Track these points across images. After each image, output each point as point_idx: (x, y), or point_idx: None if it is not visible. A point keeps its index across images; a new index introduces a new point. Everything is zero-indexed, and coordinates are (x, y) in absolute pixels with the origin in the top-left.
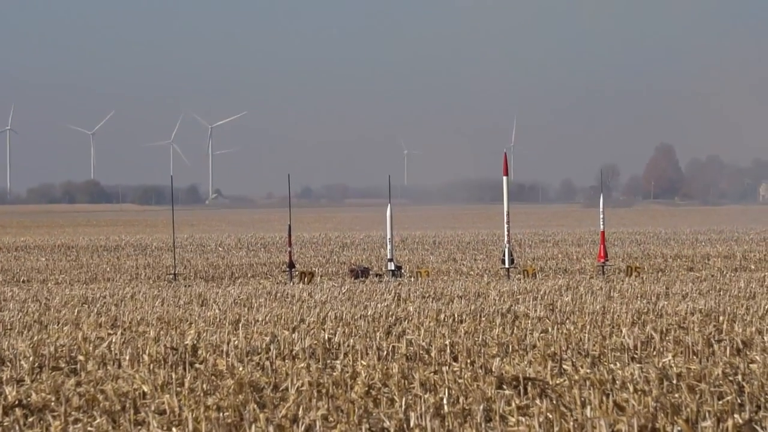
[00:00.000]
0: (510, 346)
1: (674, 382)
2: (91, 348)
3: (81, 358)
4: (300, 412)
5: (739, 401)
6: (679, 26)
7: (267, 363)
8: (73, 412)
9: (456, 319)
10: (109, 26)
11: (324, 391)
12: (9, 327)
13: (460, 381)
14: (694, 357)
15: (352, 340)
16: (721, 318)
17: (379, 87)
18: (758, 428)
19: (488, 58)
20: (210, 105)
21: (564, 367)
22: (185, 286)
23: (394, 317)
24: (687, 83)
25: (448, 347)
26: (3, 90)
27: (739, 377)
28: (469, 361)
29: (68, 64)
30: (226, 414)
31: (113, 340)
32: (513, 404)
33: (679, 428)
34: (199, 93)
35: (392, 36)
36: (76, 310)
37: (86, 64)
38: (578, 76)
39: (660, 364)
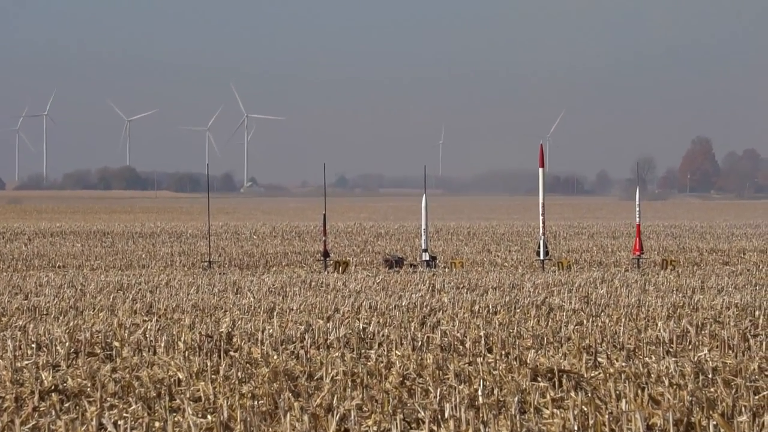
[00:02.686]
0: (545, 338)
1: (710, 376)
2: (126, 334)
3: (116, 344)
4: (334, 402)
5: None
6: (716, 19)
7: (301, 352)
8: (108, 398)
9: (490, 311)
10: (155, 11)
11: (358, 380)
12: (45, 312)
13: (494, 372)
14: (730, 351)
15: (386, 330)
16: (757, 313)
17: (416, 77)
18: None
19: (524, 48)
20: (249, 97)
21: (599, 360)
22: (220, 273)
23: (428, 308)
24: (725, 76)
25: (482, 338)
26: (40, 72)
27: None
28: (503, 352)
29: (109, 46)
30: (261, 402)
31: (148, 327)
32: (548, 396)
33: (714, 422)
34: (239, 87)
35: (427, 27)
36: (111, 297)
37: (128, 47)
38: (615, 68)
39: (695, 358)
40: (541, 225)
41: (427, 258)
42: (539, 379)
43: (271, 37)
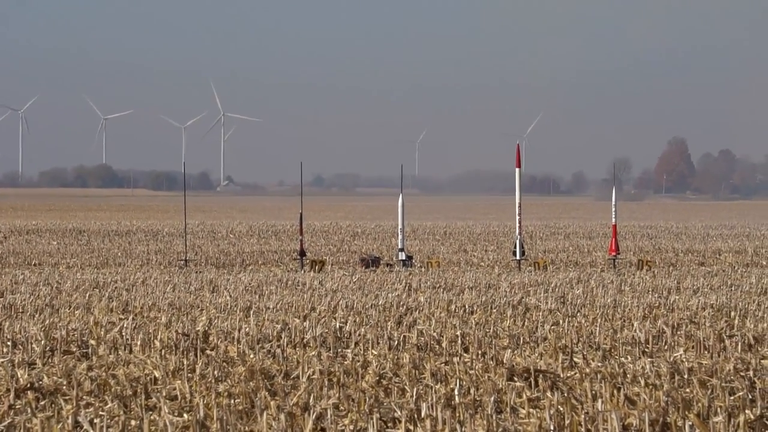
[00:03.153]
0: (521, 338)
1: (685, 376)
2: (102, 332)
3: (92, 342)
4: (311, 401)
5: (750, 397)
6: (691, 22)
7: (278, 351)
8: (84, 396)
9: (467, 310)
10: (135, 13)
11: (335, 379)
12: (21, 310)
13: (471, 372)
14: (706, 352)
15: (363, 329)
16: (732, 313)
17: (393, 79)
18: None
19: (501, 51)
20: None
21: (575, 360)
22: (196, 272)
23: (404, 307)
24: (700, 77)
25: (459, 338)
26: (17, 69)
27: (751, 373)
28: (480, 352)
29: (87, 45)
30: (237, 401)
31: (124, 325)
32: (524, 396)
33: (690, 423)
34: (218, 89)
35: (407, 30)
36: (87, 295)
37: (105, 47)
38: (591, 70)
39: (671, 359)
40: (517, 225)
41: (404, 257)
42: (515, 378)
43: (251, 42)
